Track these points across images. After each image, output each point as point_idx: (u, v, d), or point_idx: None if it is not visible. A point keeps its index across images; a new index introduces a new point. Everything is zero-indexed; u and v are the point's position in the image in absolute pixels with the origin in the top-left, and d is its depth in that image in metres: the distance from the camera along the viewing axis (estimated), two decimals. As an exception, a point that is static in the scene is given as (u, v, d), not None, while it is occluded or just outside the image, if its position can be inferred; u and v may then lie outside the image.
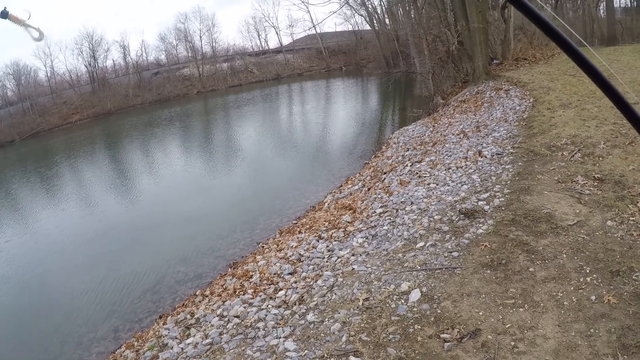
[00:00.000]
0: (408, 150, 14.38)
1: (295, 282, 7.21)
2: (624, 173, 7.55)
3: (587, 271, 5.18)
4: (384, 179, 11.96)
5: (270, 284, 7.52)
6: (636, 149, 8.42)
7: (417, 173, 11.14)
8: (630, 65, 16.18)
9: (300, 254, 8.43)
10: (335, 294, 6.21)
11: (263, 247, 10.39)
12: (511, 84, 17.76)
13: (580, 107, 11.99)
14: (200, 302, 8.17)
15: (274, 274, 7.90)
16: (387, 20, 52.93)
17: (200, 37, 72.40)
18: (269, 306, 6.63)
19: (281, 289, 7.12)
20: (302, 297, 6.55)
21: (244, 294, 7.45)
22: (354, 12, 61.07)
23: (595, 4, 32.18)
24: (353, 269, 6.85)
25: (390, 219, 8.65)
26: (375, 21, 53.97)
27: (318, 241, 8.85)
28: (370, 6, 53.28)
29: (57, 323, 9.37)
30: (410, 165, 12.17)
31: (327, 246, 8.39)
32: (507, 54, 23.83)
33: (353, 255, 7.53)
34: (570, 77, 16.26)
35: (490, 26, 23.19)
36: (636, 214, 6.20)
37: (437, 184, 9.71)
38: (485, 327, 4.67)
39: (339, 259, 7.56)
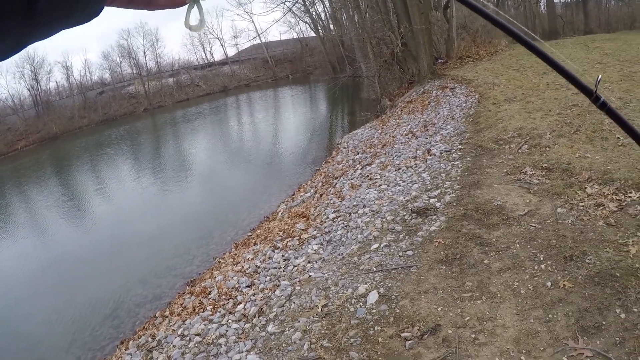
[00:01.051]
0: (358, 154, 14.40)
1: (254, 295, 7.07)
2: (570, 161, 7.72)
3: (541, 258, 5.24)
4: (336, 184, 11.92)
5: (228, 299, 7.37)
6: (581, 137, 8.64)
7: (367, 176, 11.14)
8: (572, 57, 16.64)
9: (256, 266, 8.29)
10: (294, 302, 6.12)
11: (219, 262, 10.20)
12: (456, 82, 17.99)
13: (525, 100, 12.26)
14: (160, 323, 7.93)
15: (232, 288, 7.74)
16: (331, 26, 53.04)
17: (145, 52, 70.74)
18: (229, 321, 6.50)
19: (240, 303, 6.98)
20: (262, 309, 6.44)
21: (203, 311, 7.28)
22: (298, 19, 61.04)
23: (536, 0, 33.20)
24: (310, 276, 6.77)
25: (343, 223, 8.60)
26: (319, 27, 54.05)
27: (273, 251, 8.72)
28: (314, 13, 53.26)
29: (15, 357, 8.99)
30: (361, 169, 12.17)
31: (283, 255, 8.27)
32: (452, 52, 24.22)
33: (309, 262, 7.44)
34: (514, 72, 16.64)
35: (433, 26, 23.51)
36: (585, 200, 6.33)
37: (388, 185, 9.73)
38: (445, 322, 4.66)
39: (295, 268, 7.46)
